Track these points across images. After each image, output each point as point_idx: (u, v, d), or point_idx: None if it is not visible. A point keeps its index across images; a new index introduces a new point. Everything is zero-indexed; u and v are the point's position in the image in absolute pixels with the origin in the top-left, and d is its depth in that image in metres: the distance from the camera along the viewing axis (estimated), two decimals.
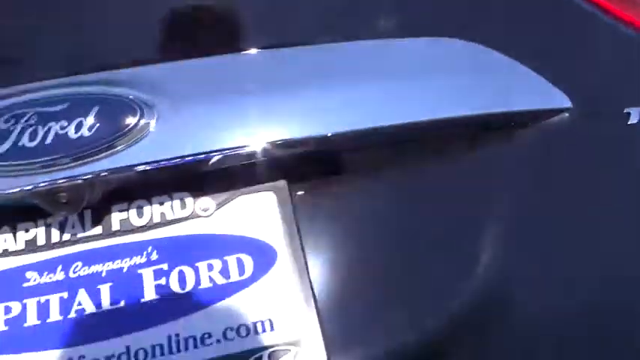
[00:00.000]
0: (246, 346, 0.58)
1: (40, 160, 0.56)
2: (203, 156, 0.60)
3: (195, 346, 0.59)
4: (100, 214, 0.64)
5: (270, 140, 0.62)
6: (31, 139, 0.56)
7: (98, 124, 0.59)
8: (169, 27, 0.66)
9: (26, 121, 0.57)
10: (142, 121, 0.60)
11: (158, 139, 0.59)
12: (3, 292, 0.61)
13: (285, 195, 0.65)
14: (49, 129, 0.56)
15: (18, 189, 0.56)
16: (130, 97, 0.59)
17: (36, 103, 0.58)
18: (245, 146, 0.62)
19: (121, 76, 0.61)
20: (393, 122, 0.61)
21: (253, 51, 0.64)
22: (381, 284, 0.61)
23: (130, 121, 0.60)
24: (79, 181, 0.57)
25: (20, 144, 0.56)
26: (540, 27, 0.72)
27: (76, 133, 0.57)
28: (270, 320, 0.60)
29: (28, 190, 0.56)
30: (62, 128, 0.57)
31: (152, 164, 0.59)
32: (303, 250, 0.62)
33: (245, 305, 0.61)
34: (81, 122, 0.58)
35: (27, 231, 0.63)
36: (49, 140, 0.56)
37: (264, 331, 0.60)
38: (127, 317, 0.61)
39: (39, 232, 0.63)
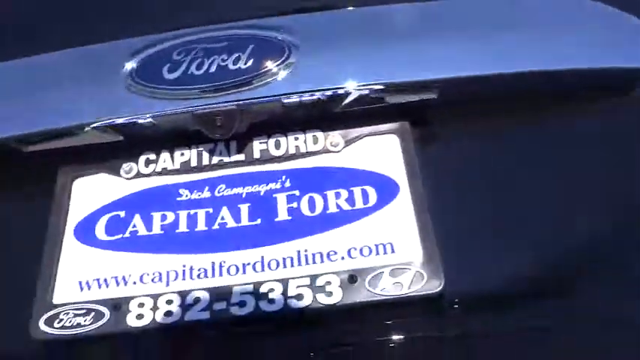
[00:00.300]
0: (368, 264, 0.64)
1: (203, 86, 0.66)
2: (333, 92, 0.67)
3: (322, 261, 0.65)
4: (243, 144, 0.72)
5: (398, 83, 0.68)
6: (198, 69, 0.66)
7: (252, 60, 0.68)
8: None
9: (195, 54, 0.68)
10: (289, 60, 0.68)
11: (301, 75, 0.67)
12: (160, 203, 0.71)
13: (408, 137, 0.70)
14: (213, 61, 0.66)
15: (185, 109, 0.66)
16: (279, 38, 0.68)
17: (202, 41, 0.69)
18: (375, 88, 0.68)
19: (272, 22, 0.70)
20: (514, 70, 0.65)
21: (390, 5, 0.71)
22: (493, 218, 0.64)
23: (279, 58, 0.68)
24: (233, 107, 0.67)
25: (189, 72, 0.66)
26: None
27: (234, 65, 0.66)
28: (391, 244, 0.65)
29: (192, 111, 0.66)
30: (223, 61, 0.66)
31: (294, 96, 0.67)
32: (423, 186, 0.67)
33: (368, 230, 0.66)
34: (239, 57, 0.67)
35: (182, 155, 0.73)
36: (212, 70, 0.66)
37: (385, 252, 0.64)
38: (262, 233, 0.68)
39: (192, 156, 0.73)
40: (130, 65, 0.68)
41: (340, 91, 0.67)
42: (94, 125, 0.70)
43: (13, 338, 0.64)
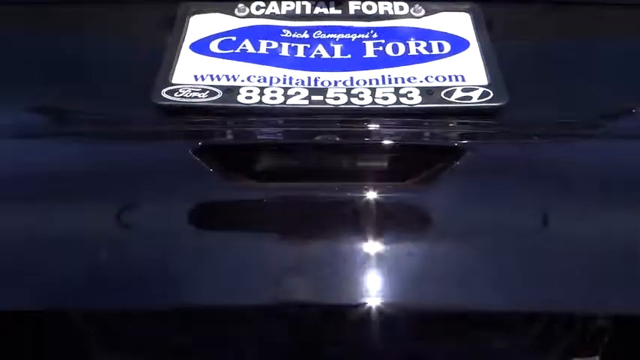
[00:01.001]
0: (442, 84, 0.77)
1: None
2: None
3: (403, 82, 0.78)
4: (341, 2, 0.87)
5: None
6: None
7: None
8: None
9: None
10: None
11: None
12: (266, 35, 0.85)
13: (479, 15, 0.86)
14: None
15: None
16: None
17: None
18: None
19: None
20: None
21: None
22: (545, 66, 0.81)
23: None
24: None
25: None
26: None
27: None
28: (462, 75, 0.78)
29: None
30: None
31: None
32: (490, 44, 0.81)
33: (442, 66, 0.80)
34: None
35: (288, 5, 0.88)
36: None
37: (457, 80, 0.78)
38: (352, 63, 0.81)
39: (297, 7, 0.88)
40: None
41: None
42: None
43: (140, 105, 0.75)
